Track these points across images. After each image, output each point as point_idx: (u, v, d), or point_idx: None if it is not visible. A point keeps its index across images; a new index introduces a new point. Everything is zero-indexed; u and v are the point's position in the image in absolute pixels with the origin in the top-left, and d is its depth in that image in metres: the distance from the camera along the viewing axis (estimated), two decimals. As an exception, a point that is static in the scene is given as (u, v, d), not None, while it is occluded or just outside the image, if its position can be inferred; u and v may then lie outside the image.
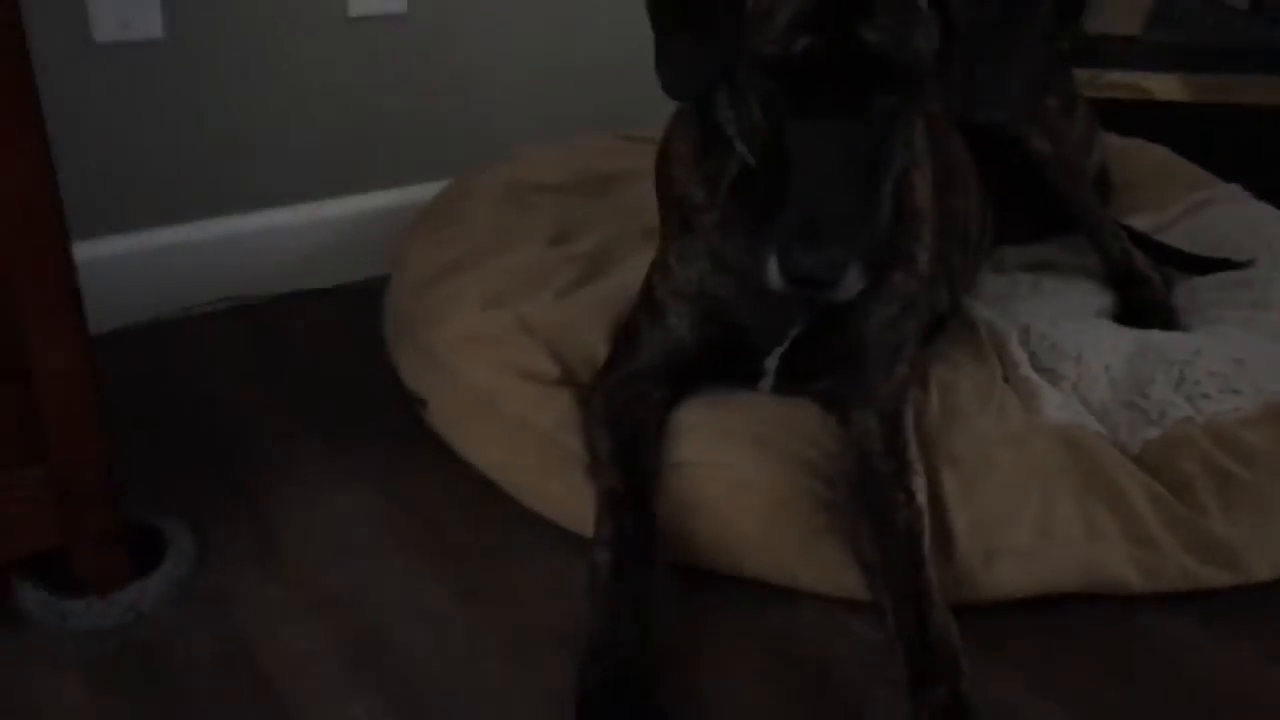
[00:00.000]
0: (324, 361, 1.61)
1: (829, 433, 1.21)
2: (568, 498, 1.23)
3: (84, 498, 1.10)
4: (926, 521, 1.10)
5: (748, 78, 1.04)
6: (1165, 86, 2.32)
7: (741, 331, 1.22)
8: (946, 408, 1.23)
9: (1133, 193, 1.85)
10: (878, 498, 1.13)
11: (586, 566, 1.08)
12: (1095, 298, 1.55)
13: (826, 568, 1.14)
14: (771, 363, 1.23)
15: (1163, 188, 1.87)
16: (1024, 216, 1.69)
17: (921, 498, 1.12)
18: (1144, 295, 1.53)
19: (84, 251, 1.57)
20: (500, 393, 1.30)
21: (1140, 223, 1.71)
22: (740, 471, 1.17)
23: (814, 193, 0.98)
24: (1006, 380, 1.28)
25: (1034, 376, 1.27)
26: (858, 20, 0.96)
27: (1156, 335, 1.36)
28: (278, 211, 1.82)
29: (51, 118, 1.01)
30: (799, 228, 0.98)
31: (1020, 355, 1.30)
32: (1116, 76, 2.33)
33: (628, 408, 1.21)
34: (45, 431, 1.07)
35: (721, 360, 1.25)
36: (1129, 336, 1.35)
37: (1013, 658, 1.09)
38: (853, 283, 1.00)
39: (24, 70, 0.97)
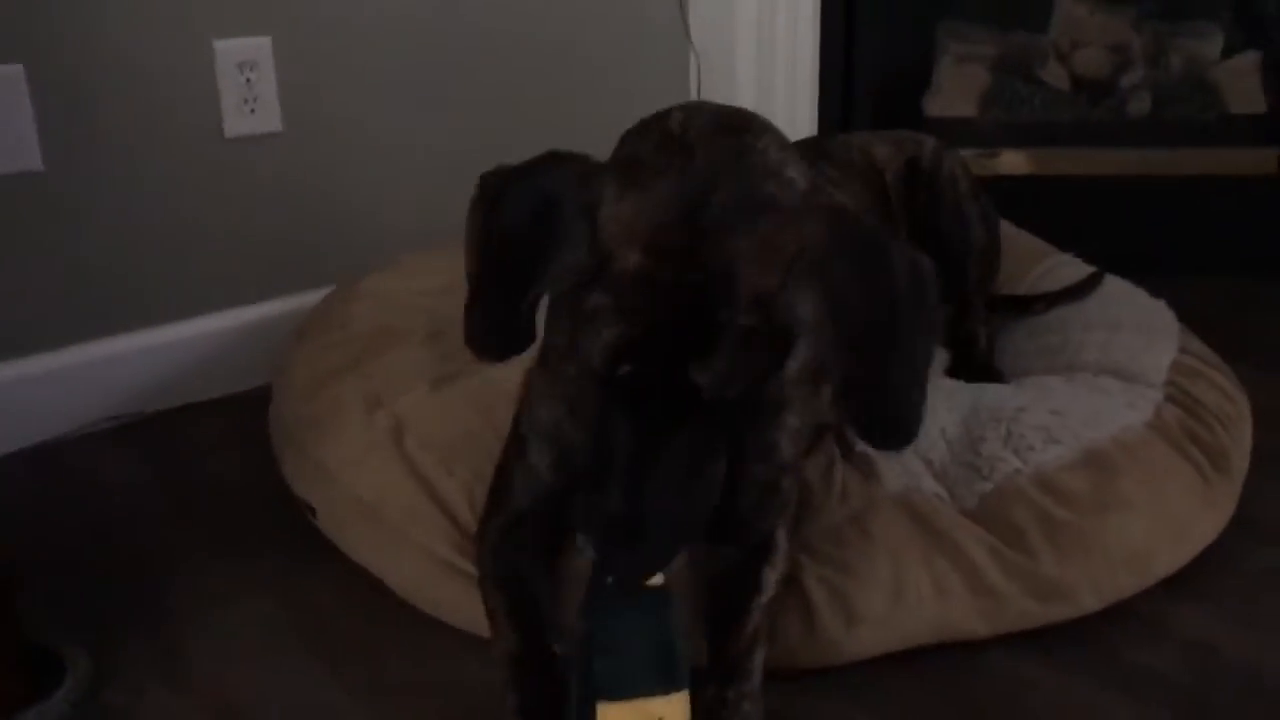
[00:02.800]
0: (216, 472, 1.66)
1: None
2: (454, 601, 1.29)
3: (-21, 625, 1.13)
4: (768, 595, 1.14)
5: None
6: (1013, 161, 2.50)
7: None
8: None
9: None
10: (725, 583, 1.16)
11: None
12: (938, 358, 1.69)
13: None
14: None
15: (1013, 259, 2.01)
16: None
17: (770, 576, 1.15)
18: (971, 354, 1.68)
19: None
20: (381, 505, 1.37)
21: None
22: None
23: (634, 487, 0.92)
24: (845, 458, 1.38)
25: (868, 449, 1.38)
26: (688, 360, 0.89)
27: (988, 393, 1.48)
28: (164, 329, 1.87)
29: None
30: (619, 530, 0.93)
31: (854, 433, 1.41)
32: (966, 154, 2.52)
33: (513, 562, 1.20)
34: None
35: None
36: (964, 398, 1.47)
37: (875, 706, 1.18)
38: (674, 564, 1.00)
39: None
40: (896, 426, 0.99)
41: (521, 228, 0.97)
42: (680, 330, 0.89)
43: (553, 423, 1.18)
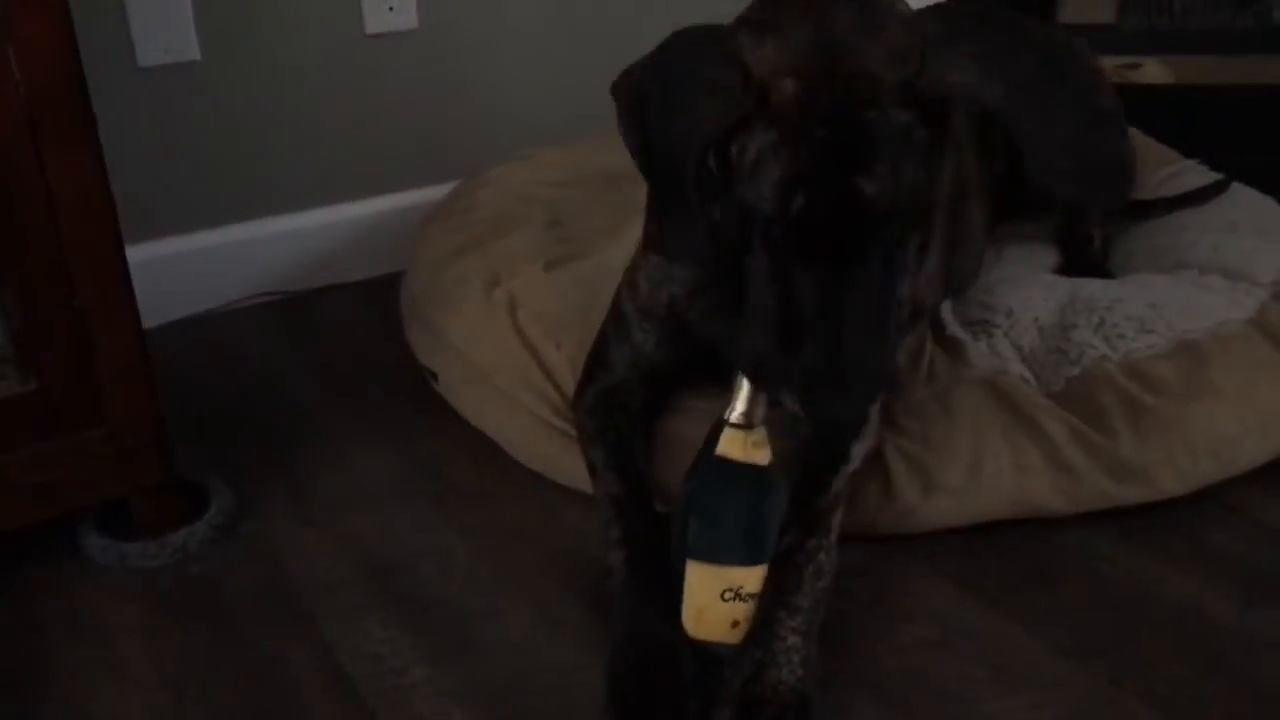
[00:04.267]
0: (349, 344, 1.80)
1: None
2: (556, 455, 1.39)
3: (138, 453, 1.28)
4: (853, 466, 1.20)
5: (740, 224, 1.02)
6: (1155, 72, 2.44)
7: (711, 349, 1.24)
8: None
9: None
10: (817, 450, 1.22)
11: (603, 567, 1.16)
12: (1048, 257, 1.70)
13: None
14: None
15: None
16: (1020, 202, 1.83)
17: (858, 450, 1.21)
18: (1084, 255, 1.68)
19: (141, 252, 1.79)
20: (495, 370, 1.47)
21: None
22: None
23: (829, 337, 0.96)
24: (937, 342, 1.42)
25: (959, 333, 1.41)
26: (855, 172, 0.92)
27: (1087, 286, 1.49)
28: (306, 214, 2.01)
29: (105, 135, 1.20)
30: (821, 374, 0.96)
31: (949, 317, 1.45)
32: (1105, 62, 2.46)
33: (610, 419, 1.28)
34: (104, 397, 1.25)
35: (693, 373, 1.31)
36: (1062, 289, 1.49)
37: (944, 569, 1.24)
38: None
39: (81, 94, 1.15)
40: (1106, 168, 0.98)
41: (676, 103, 0.99)
42: (844, 148, 0.92)
43: (666, 303, 1.25)
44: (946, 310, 1.48)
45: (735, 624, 1.07)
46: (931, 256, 1.43)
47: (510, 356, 1.47)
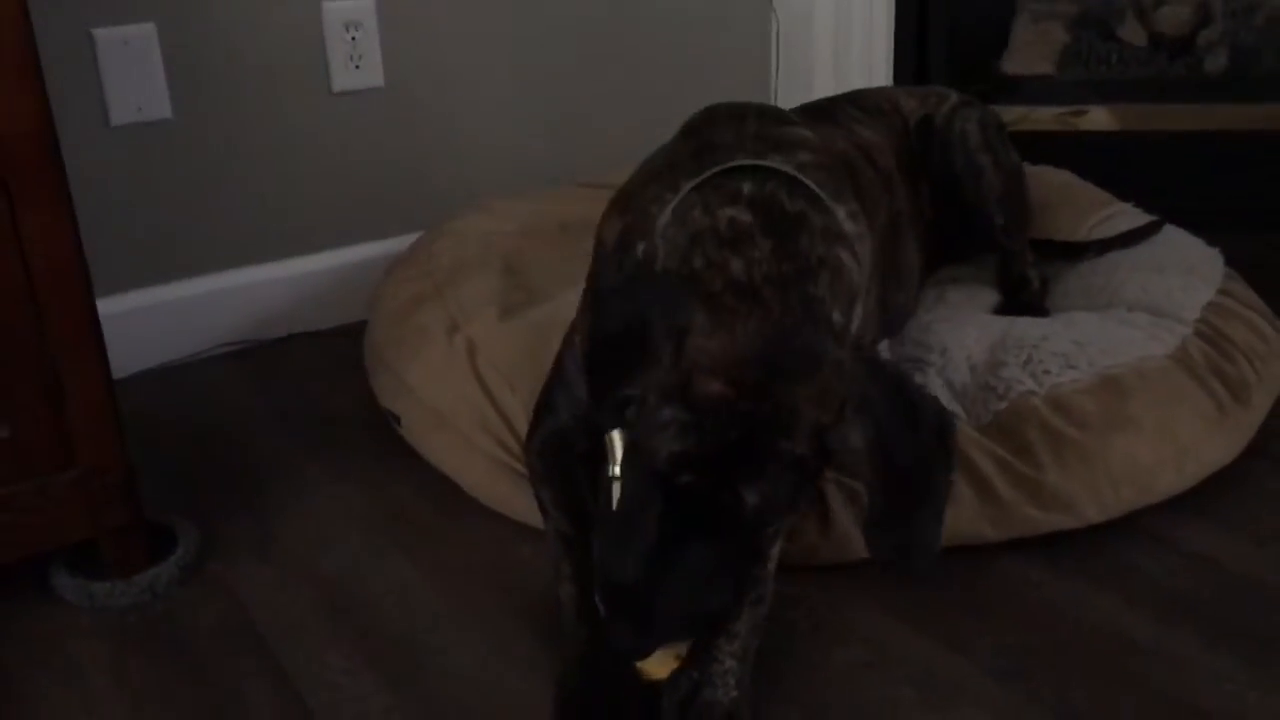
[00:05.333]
0: (315, 391, 1.86)
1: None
2: (511, 495, 1.46)
3: (107, 496, 1.33)
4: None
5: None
6: (1097, 119, 2.55)
7: None
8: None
9: (1044, 214, 2.06)
10: None
11: (553, 599, 1.22)
12: (988, 298, 1.78)
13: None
14: None
15: (1071, 208, 2.08)
16: (954, 246, 1.91)
17: None
18: (1022, 297, 1.77)
19: (114, 304, 1.85)
20: (454, 414, 1.53)
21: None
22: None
23: (653, 574, 1.00)
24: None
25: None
26: (743, 482, 0.99)
27: (1018, 325, 1.57)
28: (274, 265, 2.07)
29: (78, 190, 1.26)
30: (624, 596, 1.01)
31: (885, 356, 1.52)
32: (1049, 112, 2.56)
33: (557, 460, 1.34)
34: (74, 443, 1.30)
35: None
36: (995, 328, 1.56)
37: (880, 596, 1.30)
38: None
39: (53, 153, 1.22)
40: (921, 552, 1.07)
41: (618, 337, 1.08)
42: (742, 453, 1.00)
43: None
44: (883, 350, 1.55)
45: (678, 658, 1.12)
46: (869, 297, 1.50)
47: (468, 401, 1.54)
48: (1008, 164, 1.81)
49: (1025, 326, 1.57)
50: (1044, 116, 2.55)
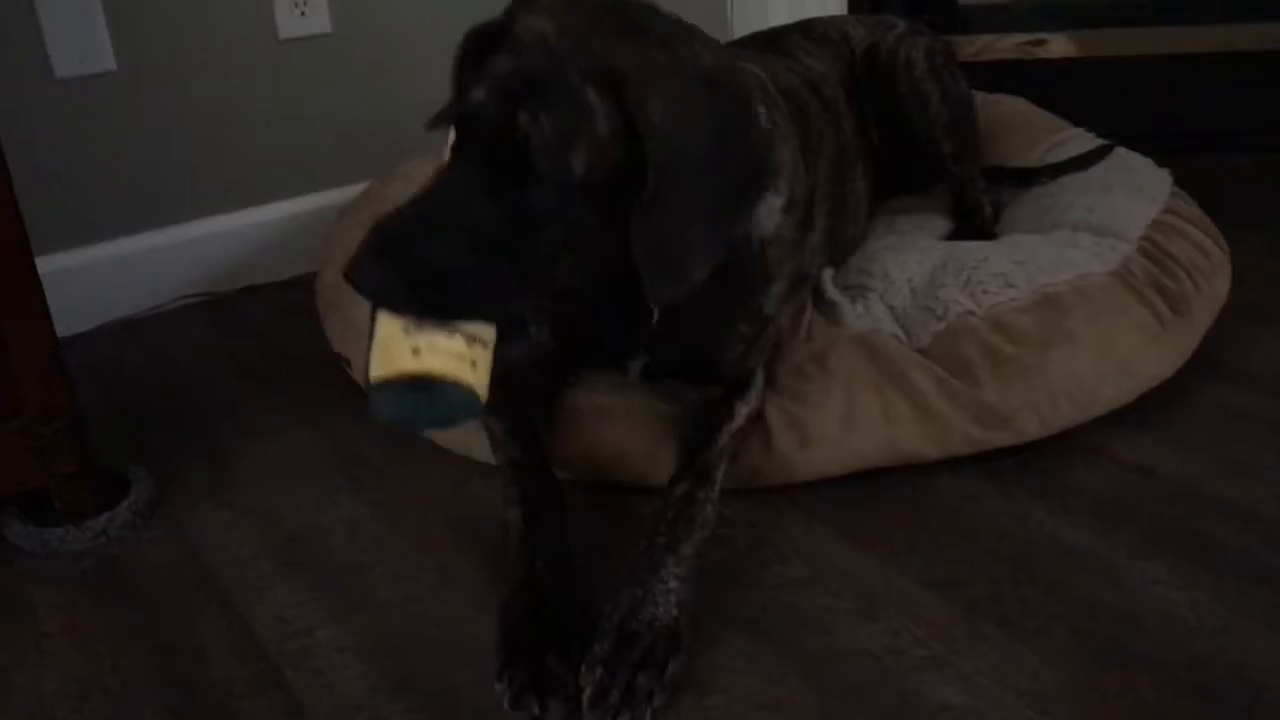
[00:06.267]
0: (272, 340, 1.87)
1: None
2: (461, 435, 1.46)
3: (56, 444, 1.34)
4: (738, 424, 1.30)
5: None
6: (1055, 46, 2.54)
7: (598, 343, 1.37)
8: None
9: (997, 141, 2.07)
10: (704, 410, 1.33)
11: (501, 525, 1.23)
12: (939, 225, 1.79)
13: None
14: (634, 366, 1.38)
15: (1024, 135, 2.08)
16: (904, 175, 1.92)
17: (742, 409, 1.32)
18: (974, 223, 1.78)
19: (69, 259, 1.85)
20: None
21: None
22: (614, 413, 1.39)
23: (416, 223, 1.05)
24: (816, 307, 1.50)
25: (837, 297, 1.49)
26: (520, 102, 1.04)
27: (959, 249, 1.58)
28: (228, 216, 2.07)
29: (27, 145, 1.25)
30: (382, 248, 1.05)
31: (828, 284, 1.53)
32: (1009, 40, 2.55)
33: (510, 394, 1.33)
34: (21, 390, 1.31)
35: (586, 360, 1.41)
36: (936, 253, 1.58)
37: (821, 516, 1.32)
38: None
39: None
40: (674, 257, 1.09)
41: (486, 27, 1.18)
42: (532, 82, 1.06)
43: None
44: (827, 278, 1.56)
45: (416, 351, 1.06)
46: (816, 228, 1.51)
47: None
48: (955, 92, 1.81)
49: (966, 250, 1.58)
50: (1005, 45, 2.54)
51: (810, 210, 1.46)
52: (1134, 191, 1.76)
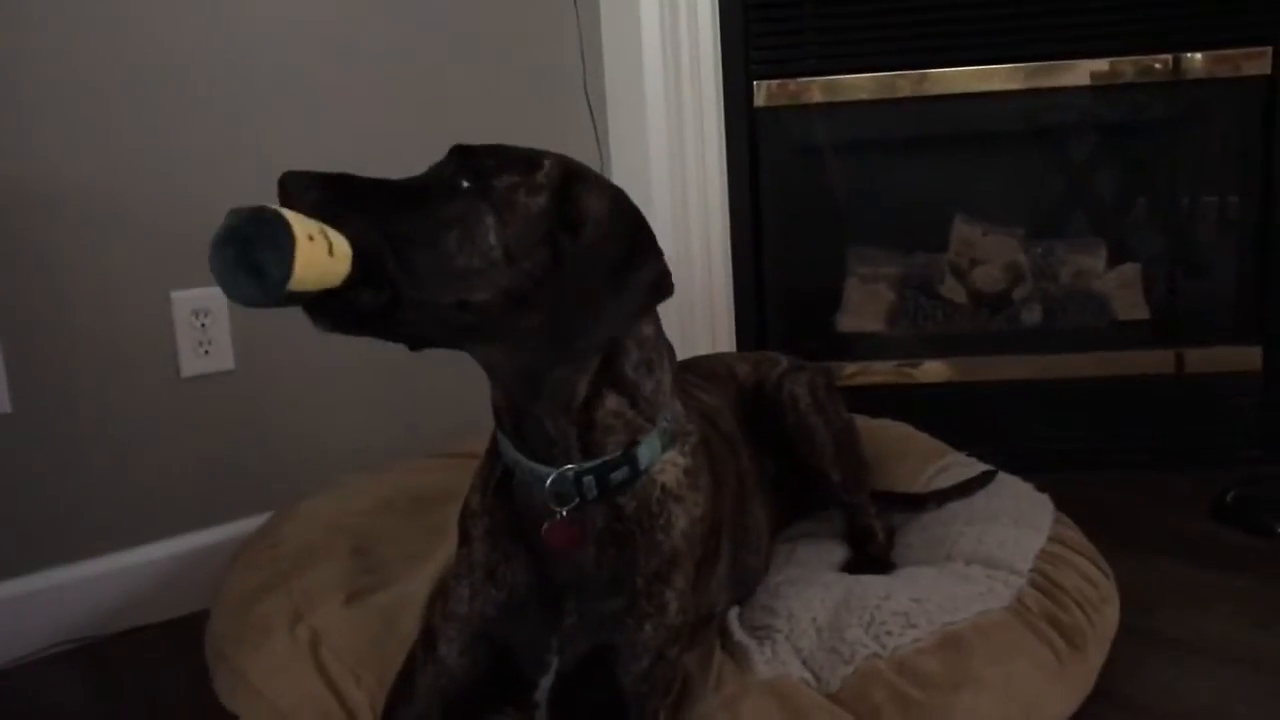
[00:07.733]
0: (155, 690, 1.77)
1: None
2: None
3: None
4: None
5: None
6: (929, 370, 2.69)
7: (509, 655, 1.33)
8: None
9: (885, 466, 2.15)
10: None
11: None
12: (837, 553, 1.82)
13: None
14: (541, 695, 1.33)
15: (911, 460, 2.17)
16: (800, 503, 1.97)
17: None
18: (869, 550, 1.83)
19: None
20: (295, 713, 1.47)
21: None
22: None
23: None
24: (724, 649, 1.49)
25: (744, 639, 1.49)
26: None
27: (860, 584, 1.60)
28: (116, 556, 2.00)
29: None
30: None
31: (734, 624, 1.54)
32: (884, 366, 2.69)
33: None
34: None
35: (494, 690, 1.36)
36: (839, 588, 1.59)
37: None
38: None
39: None
40: (565, 334, 1.17)
41: None
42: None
43: (469, 596, 1.33)
44: (733, 617, 1.56)
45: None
46: (722, 558, 1.52)
47: (311, 699, 1.48)
48: (838, 422, 1.89)
49: (868, 585, 1.60)
50: (882, 369, 2.69)
51: (717, 540, 1.47)
52: (1018, 520, 1.83)
